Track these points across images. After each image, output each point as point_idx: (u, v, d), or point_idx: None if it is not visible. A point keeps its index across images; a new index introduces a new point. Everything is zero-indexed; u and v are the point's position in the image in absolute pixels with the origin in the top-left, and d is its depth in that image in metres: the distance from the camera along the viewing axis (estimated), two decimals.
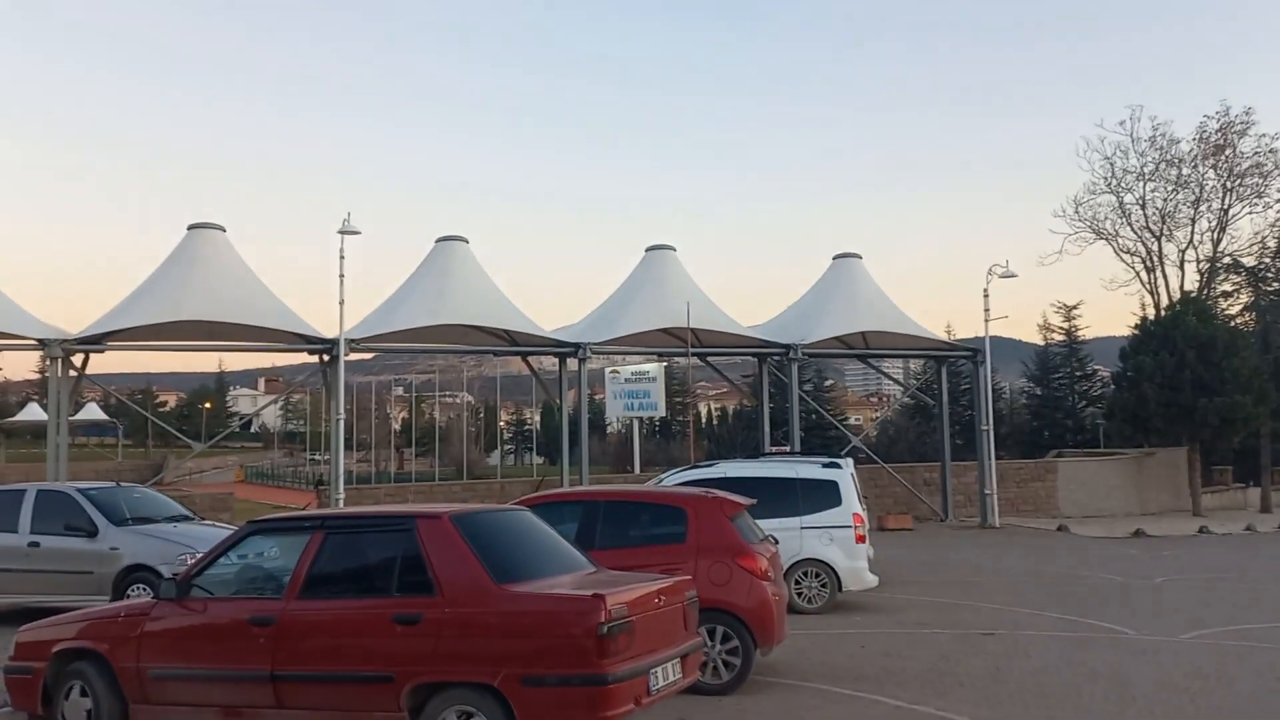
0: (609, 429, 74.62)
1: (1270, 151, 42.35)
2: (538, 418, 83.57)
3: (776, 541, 10.63)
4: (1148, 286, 44.07)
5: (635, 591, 6.72)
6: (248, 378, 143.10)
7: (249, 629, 6.94)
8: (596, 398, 70.81)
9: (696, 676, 7.50)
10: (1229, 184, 42.91)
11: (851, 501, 14.13)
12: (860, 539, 14.00)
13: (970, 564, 20.32)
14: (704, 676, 8.60)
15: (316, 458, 69.28)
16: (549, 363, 32.04)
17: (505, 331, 28.39)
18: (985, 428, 31.03)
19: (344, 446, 26.89)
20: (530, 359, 30.84)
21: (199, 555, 10.79)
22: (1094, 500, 34.71)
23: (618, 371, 39.54)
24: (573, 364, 28.39)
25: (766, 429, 31.48)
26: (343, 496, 25.74)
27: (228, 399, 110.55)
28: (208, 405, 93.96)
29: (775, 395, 36.99)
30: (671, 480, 14.74)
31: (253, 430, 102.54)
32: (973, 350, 32.66)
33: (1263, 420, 36.75)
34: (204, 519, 15.58)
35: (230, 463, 80.00)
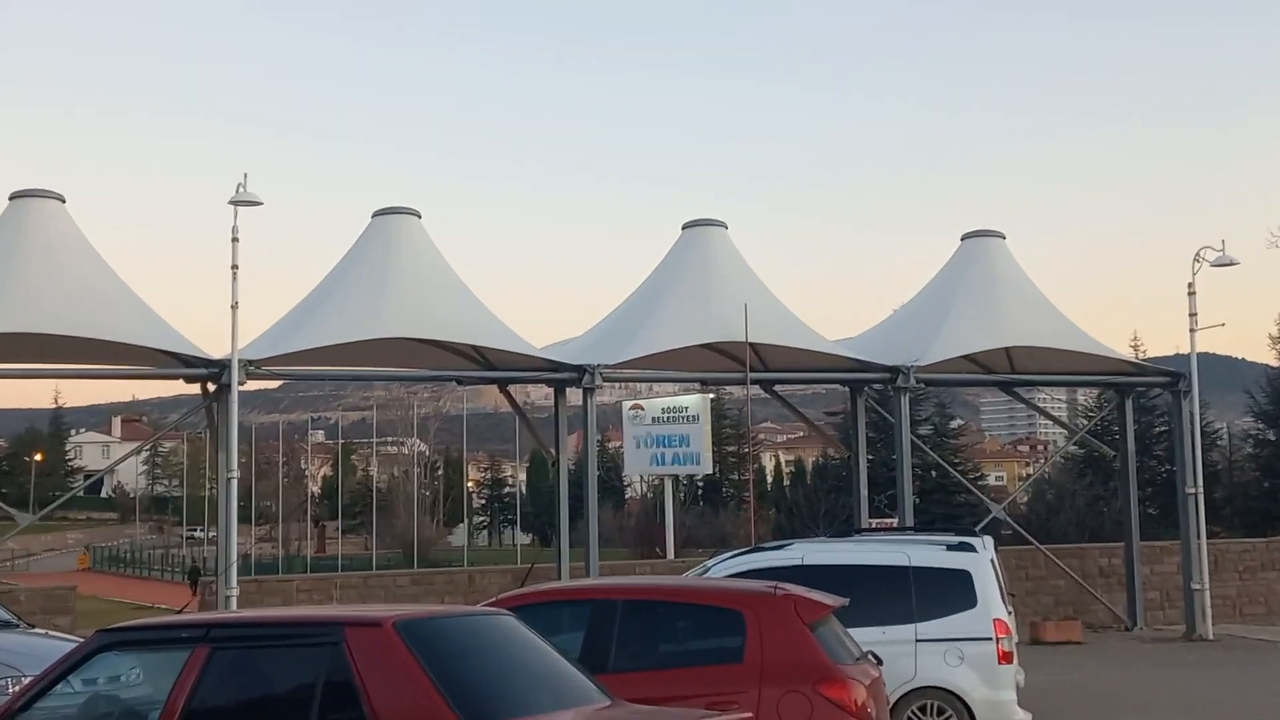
0: (629, 493, 74.92)
1: None
2: (523, 476, 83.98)
3: (880, 661, 10.66)
4: None
5: None
6: (96, 416, 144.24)
7: None
8: (611, 446, 70.48)
9: None
10: None
11: (991, 601, 14.18)
12: (1004, 657, 14.02)
13: (1171, 697, 19.96)
14: None
15: (197, 534, 69.67)
16: (540, 395, 32.15)
17: (475, 348, 28.00)
18: (1192, 490, 30.53)
19: (238, 519, 26.16)
20: (512, 389, 30.49)
21: (26, 681, 10.76)
22: None
23: (641, 408, 39.06)
24: (575, 396, 28.06)
25: (863, 492, 30.81)
26: (235, 593, 25.08)
27: (68, 447, 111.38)
28: (38, 457, 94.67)
29: (876, 443, 36.84)
30: (722, 569, 14.84)
31: (104, 494, 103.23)
32: (1172, 375, 32.12)
33: None
34: (34, 626, 15.57)
35: (71, 542, 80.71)
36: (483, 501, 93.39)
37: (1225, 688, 21.51)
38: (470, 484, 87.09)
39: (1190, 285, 29.81)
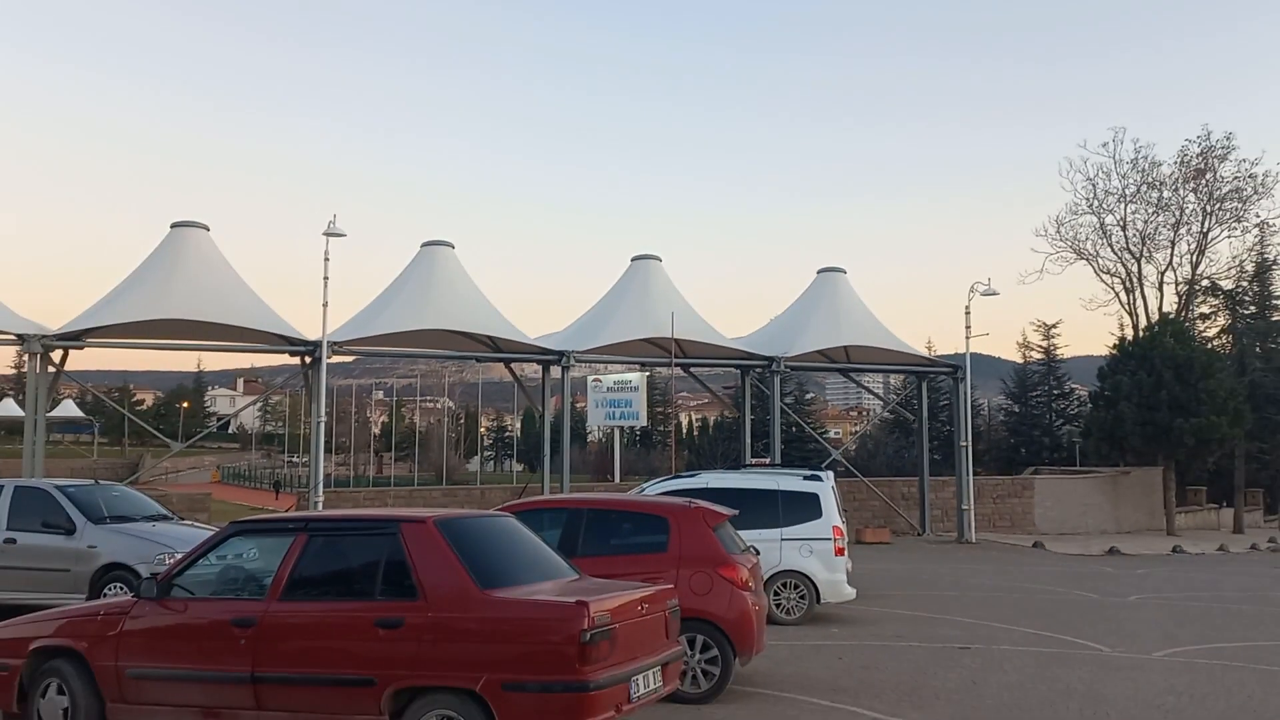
0: (590, 438, 74.30)
1: (1249, 176, 43.02)
2: (518, 424, 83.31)
3: (757, 552, 10.63)
4: (1126, 307, 44.61)
5: (618, 599, 6.71)
6: (226, 378, 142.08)
7: (230, 630, 6.89)
8: (578, 406, 70.42)
9: (676, 685, 7.52)
10: (1209, 208, 43.51)
11: (831, 514, 14.03)
12: (839, 552, 13.92)
13: (947, 579, 20.14)
14: (683, 685, 8.68)
15: (294, 460, 68.85)
16: (532, 370, 31.89)
17: (489, 338, 28.07)
18: (964, 444, 30.82)
19: (324, 450, 26.29)
20: (513, 366, 30.44)
21: (178, 555, 10.75)
22: (1070, 518, 34.61)
23: (600, 380, 39.53)
24: (556, 372, 28.03)
25: (748, 441, 31.14)
26: (322, 500, 25.19)
27: (206, 399, 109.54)
28: (185, 405, 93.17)
29: (757, 407, 36.33)
30: (653, 490, 14.61)
31: (230, 431, 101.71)
32: (953, 366, 32.51)
33: (1237, 441, 37.35)
34: (183, 518, 15.42)
35: (207, 463, 79.40)
36: (491, 441, 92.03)
37: (977, 571, 21.63)
38: (482, 430, 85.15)
39: (966, 308, 30.26)
